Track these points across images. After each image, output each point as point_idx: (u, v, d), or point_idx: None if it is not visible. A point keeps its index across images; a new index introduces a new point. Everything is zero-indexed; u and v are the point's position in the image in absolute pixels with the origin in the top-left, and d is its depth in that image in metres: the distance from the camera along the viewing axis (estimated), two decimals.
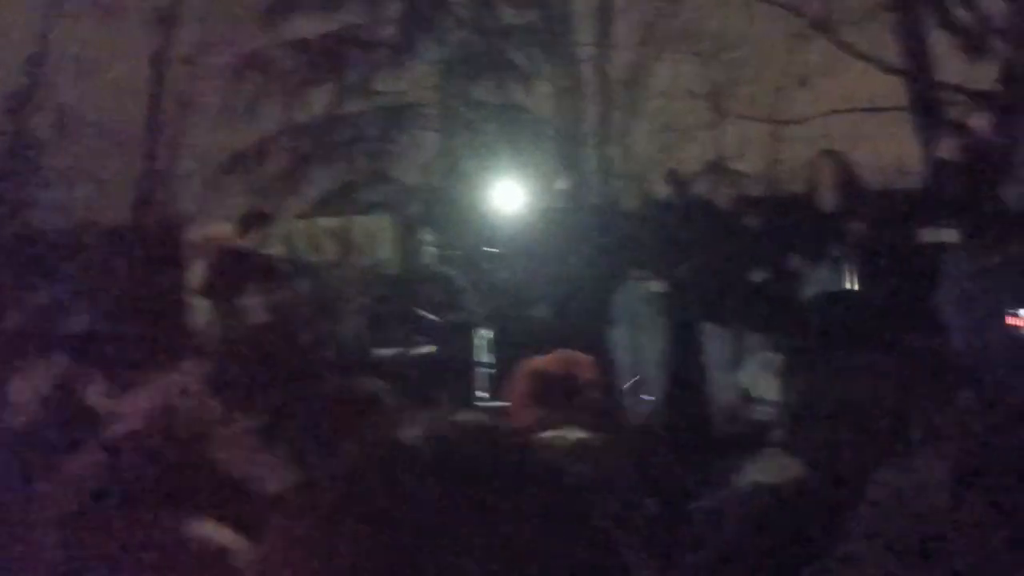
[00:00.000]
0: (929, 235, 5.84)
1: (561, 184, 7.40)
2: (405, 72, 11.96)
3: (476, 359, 6.66)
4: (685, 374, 6.36)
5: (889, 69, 10.48)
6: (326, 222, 8.86)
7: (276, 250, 7.38)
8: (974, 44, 9.53)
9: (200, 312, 8.63)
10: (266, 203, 11.26)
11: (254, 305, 6.42)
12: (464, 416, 0.75)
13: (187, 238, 8.78)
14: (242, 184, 11.98)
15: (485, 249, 6.98)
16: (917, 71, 9.88)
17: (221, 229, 8.82)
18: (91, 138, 12.05)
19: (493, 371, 6.79)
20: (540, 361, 2.75)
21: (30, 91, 12.08)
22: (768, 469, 1.69)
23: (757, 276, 6.12)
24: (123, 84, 11.94)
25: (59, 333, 6.88)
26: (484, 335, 7.01)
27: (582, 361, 2.71)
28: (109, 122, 12.03)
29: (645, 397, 6.40)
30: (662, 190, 8.08)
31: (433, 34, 11.84)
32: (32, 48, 11.99)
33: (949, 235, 5.79)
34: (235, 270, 6.66)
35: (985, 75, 9.64)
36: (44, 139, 12.37)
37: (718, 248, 6.26)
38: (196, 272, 8.67)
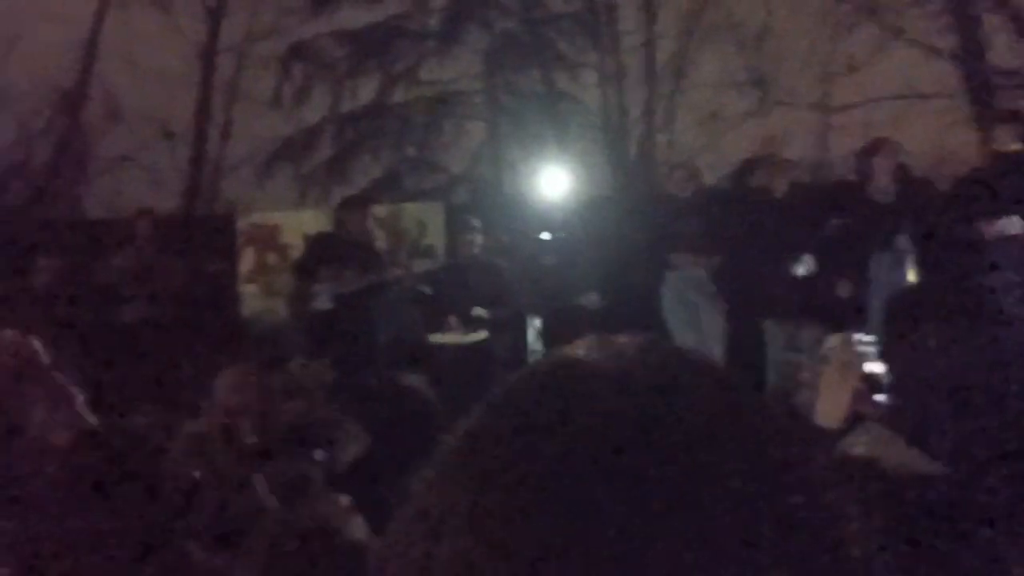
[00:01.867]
0: (986, 225, 5.77)
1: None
2: (451, 61, 12.01)
3: (530, 348, 6.70)
4: (741, 361, 6.35)
5: (939, 54, 10.34)
6: (376, 209, 8.92)
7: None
8: None
9: (249, 301, 8.76)
10: (315, 191, 11.42)
11: (322, 291, 6.45)
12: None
13: (237, 227, 8.90)
14: (290, 173, 12.13)
15: (536, 237, 6.99)
16: (969, 56, 9.74)
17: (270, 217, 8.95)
18: (141, 128, 12.25)
19: None
20: None
21: (81, 83, 12.29)
22: (870, 443, 1.72)
23: (809, 264, 6.09)
24: (172, 74, 12.10)
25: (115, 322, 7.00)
26: (534, 324, 7.04)
27: None
28: (159, 112, 12.22)
29: None
30: (711, 178, 8.05)
31: (479, 23, 11.87)
32: (83, 40, 12.19)
33: (1007, 225, 5.72)
34: (319, 254, 6.63)
35: None
36: (95, 129, 12.60)
37: (770, 237, 6.23)
38: (247, 260, 8.80)
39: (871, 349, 2.30)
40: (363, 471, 2.34)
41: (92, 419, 1.66)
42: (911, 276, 5.57)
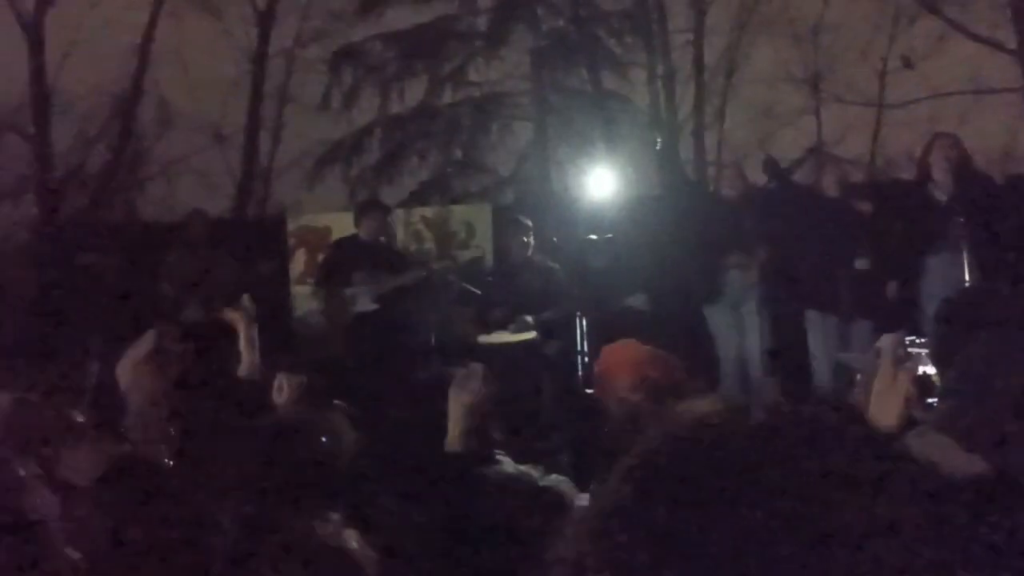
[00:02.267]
0: None
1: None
2: (498, 62, 11.99)
3: (579, 348, 6.65)
4: (788, 362, 6.23)
5: (1001, 49, 10.06)
6: (424, 211, 8.94)
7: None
8: None
9: (300, 302, 8.83)
10: (364, 193, 11.47)
11: (360, 293, 6.51)
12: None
13: (288, 229, 8.97)
14: (340, 175, 12.22)
15: (584, 237, 6.93)
16: None
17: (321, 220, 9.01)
18: (193, 132, 12.46)
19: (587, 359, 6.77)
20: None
21: (135, 88, 12.53)
22: (924, 447, 1.64)
23: (862, 264, 5.94)
24: (223, 79, 12.29)
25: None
26: (582, 324, 6.98)
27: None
28: (210, 116, 12.42)
29: None
30: (761, 177, 7.91)
31: (526, 22, 11.83)
32: (136, 46, 12.42)
33: None
34: (345, 259, 6.74)
35: None
36: (148, 134, 12.85)
37: (821, 235, 6.09)
38: (298, 261, 8.87)
39: (924, 351, 2.20)
40: (408, 466, 2.33)
41: (109, 450, 1.65)
42: (967, 276, 5.38)
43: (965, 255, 5.44)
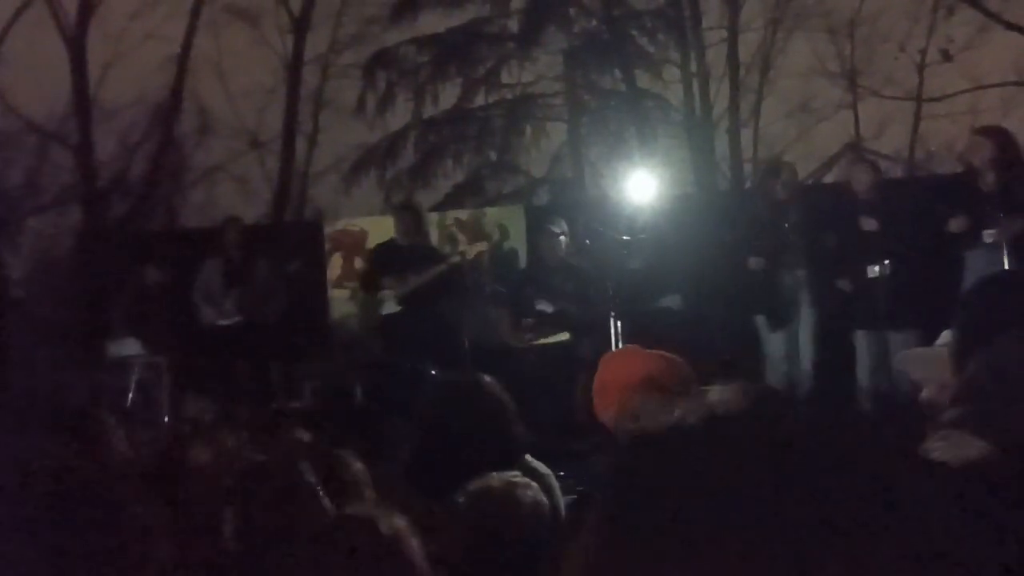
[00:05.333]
0: None
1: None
2: (531, 63, 12.01)
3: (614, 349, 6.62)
4: (828, 363, 6.17)
5: None
6: (458, 214, 8.98)
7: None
8: None
9: (337, 305, 8.91)
10: (400, 196, 11.55)
11: (388, 296, 6.61)
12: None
13: (325, 233, 9.05)
14: (375, 179, 12.32)
15: (618, 237, 6.91)
16: None
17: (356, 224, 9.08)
18: (231, 139, 12.63)
19: None
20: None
21: (174, 97, 12.73)
22: (948, 449, 1.62)
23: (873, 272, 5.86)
24: (260, 87, 12.45)
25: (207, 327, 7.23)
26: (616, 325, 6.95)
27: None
28: (248, 124, 12.60)
29: None
30: (801, 171, 7.82)
31: (558, 23, 11.83)
32: (175, 56, 12.62)
33: None
34: (378, 263, 6.85)
35: None
36: (188, 142, 13.06)
37: (859, 234, 6.01)
38: (334, 265, 8.95)
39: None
40: (431, 469, 2.34)
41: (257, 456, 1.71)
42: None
43: (1005, 249, 5.35)
